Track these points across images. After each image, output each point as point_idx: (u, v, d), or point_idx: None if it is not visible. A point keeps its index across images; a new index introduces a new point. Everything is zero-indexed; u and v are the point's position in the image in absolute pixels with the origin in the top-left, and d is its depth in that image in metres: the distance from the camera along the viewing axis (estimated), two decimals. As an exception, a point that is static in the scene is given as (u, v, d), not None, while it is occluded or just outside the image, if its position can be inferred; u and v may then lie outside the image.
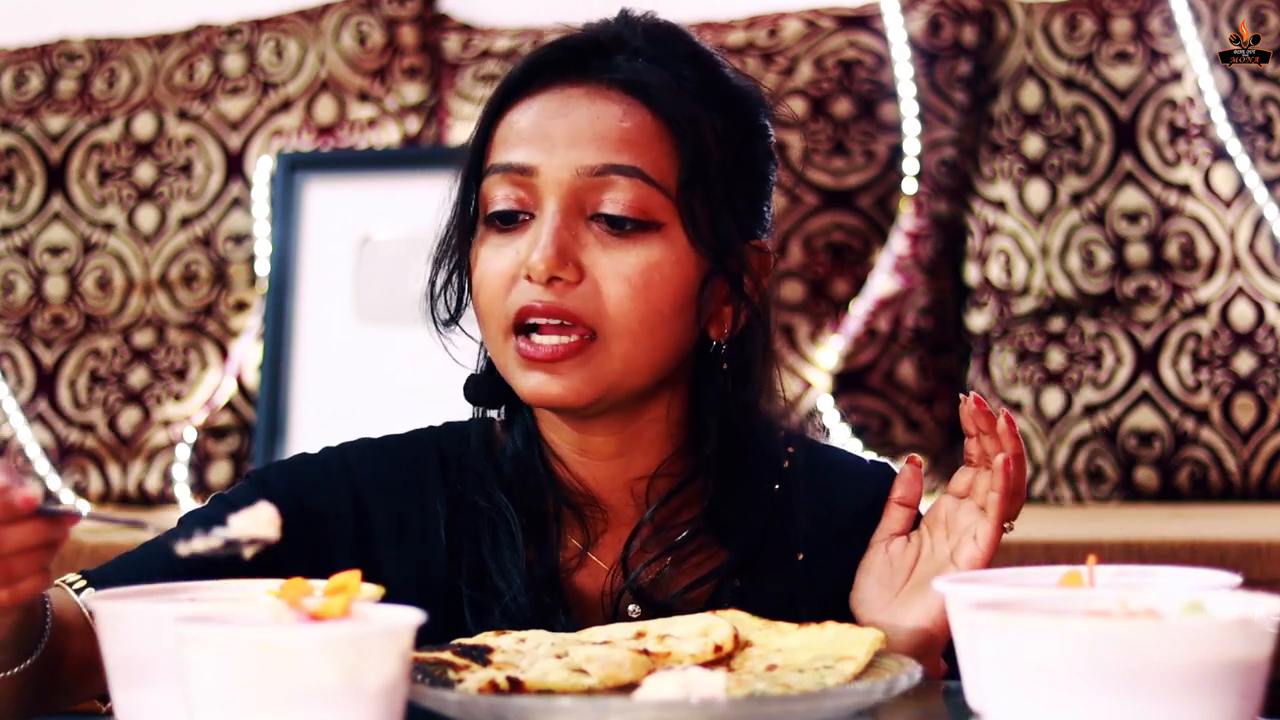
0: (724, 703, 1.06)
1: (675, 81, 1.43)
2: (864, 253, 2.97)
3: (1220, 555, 2.21)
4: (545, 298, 1.38)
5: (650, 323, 1.40)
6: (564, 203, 1.40)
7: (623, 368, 1.40)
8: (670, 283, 1.40)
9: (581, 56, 1.45)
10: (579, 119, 1.41)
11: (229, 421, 3.06)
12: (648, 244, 1.40)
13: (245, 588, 1.22)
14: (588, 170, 1.40)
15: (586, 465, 1.47)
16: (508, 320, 1.40)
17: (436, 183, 1.54)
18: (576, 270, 1.39)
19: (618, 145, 1.40)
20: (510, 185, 1.42)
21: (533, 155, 1.41)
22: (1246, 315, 2.86)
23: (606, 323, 1.39)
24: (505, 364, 1.43)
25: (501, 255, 1.42)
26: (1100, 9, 2.99)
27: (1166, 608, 1.00)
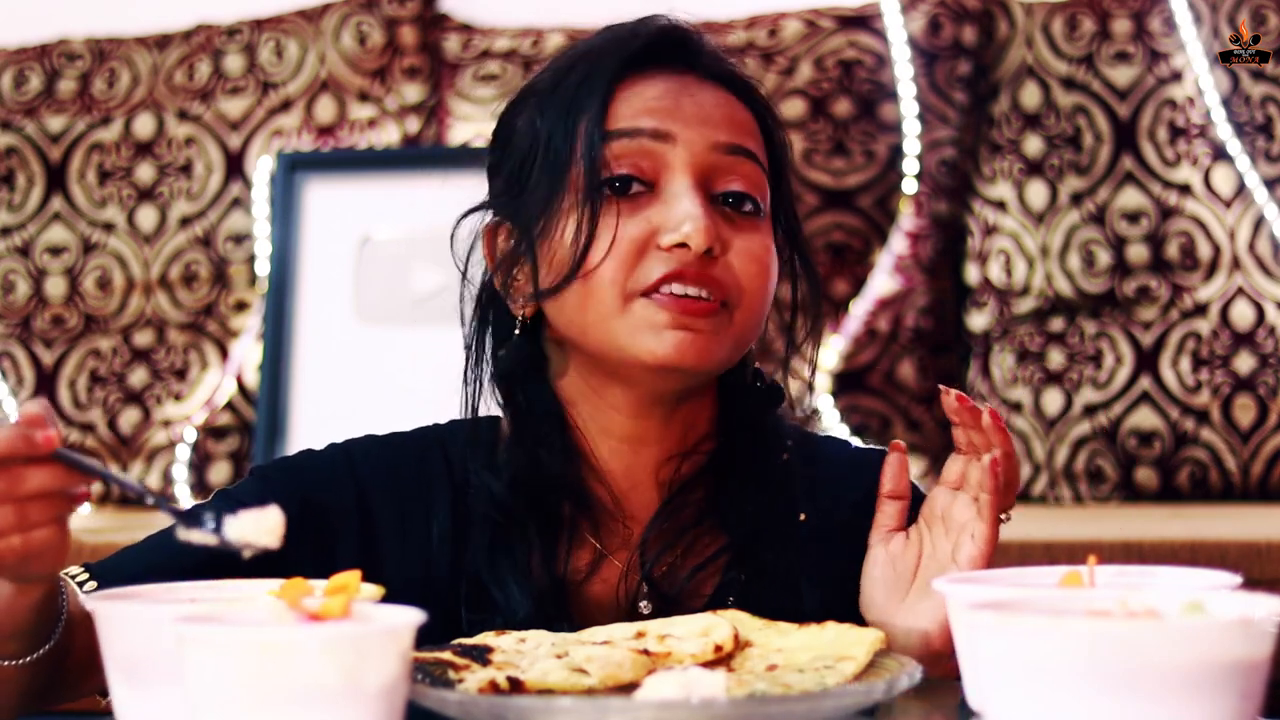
0: (724, 703, 1.06)
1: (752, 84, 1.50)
2: (864, 253, 2.97)
3: (1220, 555, 2.21)
4: (695, 266, 1.40)
5: (766, 301, 1.44)
6: (696, 177, 1.42)
7: (740, 338, 1.44)
8: (775, 265, 1.46)
9: (678, 48, 1.48)
10: (705, 100, 1.45)
11: (229, 421, 3.06)
12: (761, 228, 1.45)
13: (245, 588, 1.22)
14: (722, 146, 1.43)
15: (624, 454, 1.47)
16: (636, 288, 1.40)
17: (437, 183, 1.54)
18: (722, 245, 1.41)
19: (743, 130, 1.46)
20: (636, 154, 1.42)
21: (668, 124, 1.43)
22: (1246, 315, 2.86)
23: (739, 297, 1.42)
24: (622, 329, 1.40)
25: (631, 223, 1.41)
26: (1100, 9, 2.99)
27: (1167, 608, 1.00)
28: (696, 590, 1.46)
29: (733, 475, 1.49)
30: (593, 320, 1.42)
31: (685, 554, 1.47)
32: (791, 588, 1.45)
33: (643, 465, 1.48)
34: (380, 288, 2.99)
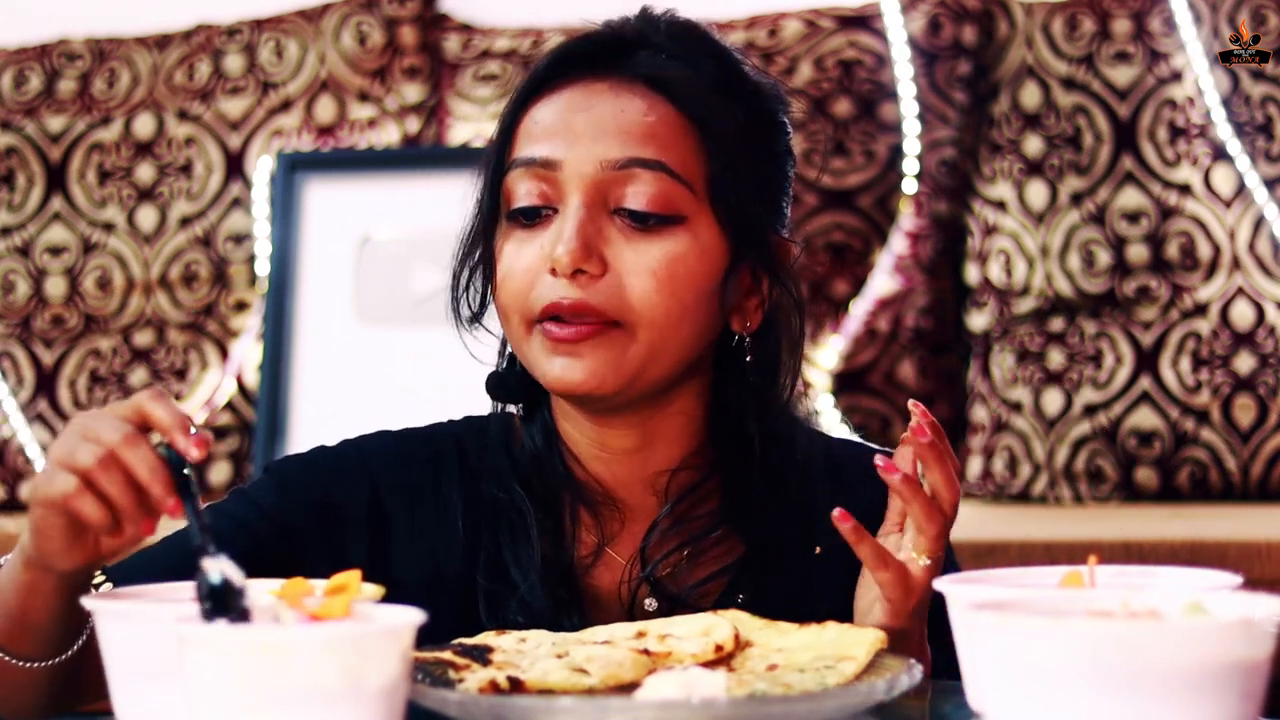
0: (725, 703, 1.06)
1: (697, 76, 1.44)
2: (864, 253, 2.97)
3: (1220, 555, 2.21)
4: (571, 293, 1.38)
5: (674, 315, 1.40)
6: (587, 196, 1.40)
7: (646, 357, 1.40)
8: (694, 275, 1.41)
9: (604, 52, 1.46)
10: (602, 113, 1.42)
11: (229, 421, 3.06)
12: (671, 237, 1.41)
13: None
14: (611, 164, 1.40)
15: (604, 461, 1.48)
16: (532, 314, 1.41)
17: (436, 183, 1.55)
18: (600, 263, 1.39)
19: (641, 138, 1.41)
20: (533, 180, 1.42)
21: (556, 149, 1.42)
22: (1246, 315, 2.86)
23: (631, 315, 1.39)
24: (529, 355, 1.43)
25: (525, 250, 1.42)
26: (1100, 9, 2.99)
27: (1167, 608, 1.00)
28: (704, 591, 1.46)
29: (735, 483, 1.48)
30: (513, 344, 1.46)
31: (693, 559, 1.47)
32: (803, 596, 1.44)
33: (631, 472, 1.48)
34: (380, 288, 2.99)
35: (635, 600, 1.45)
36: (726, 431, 1.48)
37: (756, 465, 1.48)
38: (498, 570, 1.45)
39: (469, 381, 1.58)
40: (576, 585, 1.45)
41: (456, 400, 1.58)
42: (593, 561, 1.47)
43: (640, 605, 1.45)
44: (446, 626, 1.23)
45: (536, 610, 1.42)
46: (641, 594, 1.45)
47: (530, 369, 1.44)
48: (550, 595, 1.42)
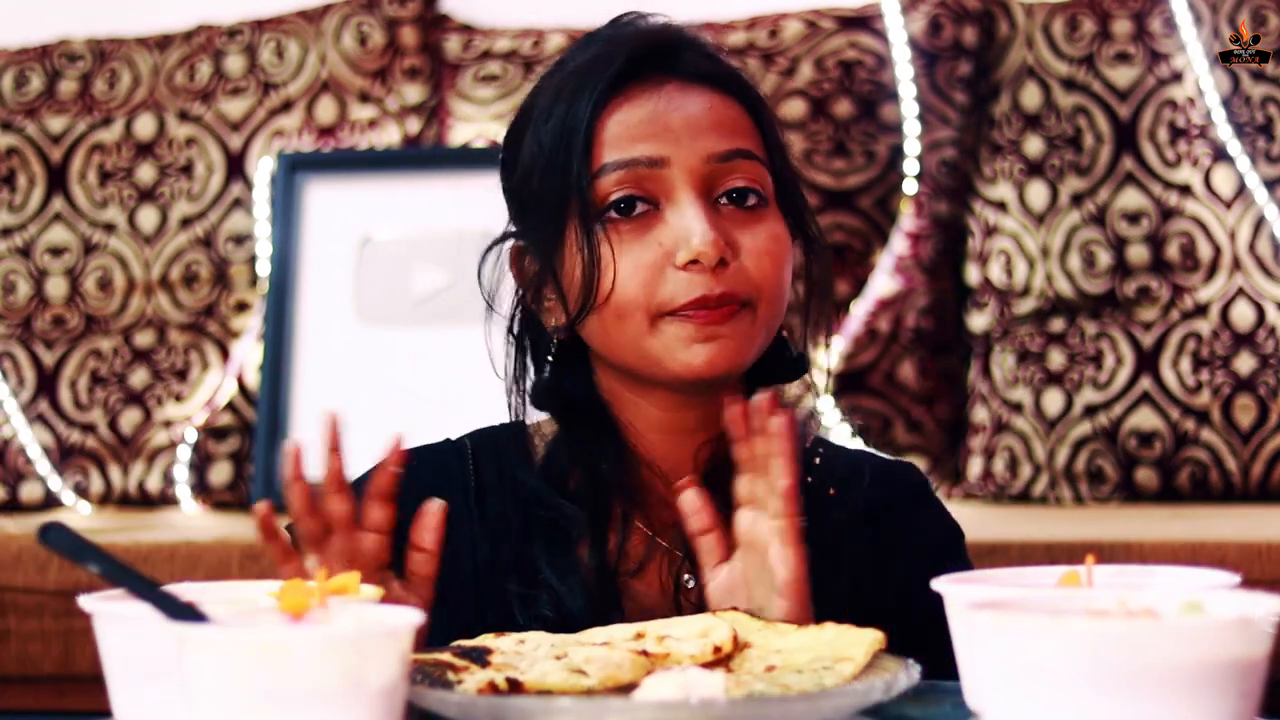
0: (723, 703, 1.06)
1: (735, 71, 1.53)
2: (864, 253, 2.97)
3: (1220, 555, 2.21)
4: (717, 287, 1.43)
5: (783, 290, 1.49)
6: (698, 189, 1.46)
7: (766, 331, 1.48)
8: (787, 251, 1.49)
9: (658, 56, 1.50)
10: (692, 110, 1.47)
11: (230, 422, 3.06)
12: (768, 219, 1.48)
13: (245, 588, 1.22)
14: (716, 156, 1.46)
15: (664, 443, 1.51)
16: (663, 309, 1.44)
17: (437, 183, 1.56)
18: (734, 252, 1.45)
19: (733, 131, 1.48)
20: (633, 182, 1.46)
21: (659, 148, 1.46)
22: (1247, 316, 2.86)
23: (756, 294, 1.46)
24: (653, 348, 1.45)
25: (642, 247, 1.45)
26: (1100, 9, 2.99)
27: (1165, 608, 1.00)
28: None
29: None
30: (624, 342, 1.47)
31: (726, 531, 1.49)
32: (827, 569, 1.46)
33: (683, 452, 1.51)
34: (381, 288, 2.99)
35: (678, 581, 1.48)
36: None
37: None
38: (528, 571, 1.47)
39: (469, 381, 1.58)
40: (616, 588, 1.47)
41: (456, 400, 1.59)
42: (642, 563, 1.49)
43: (682, 584, 1.48)
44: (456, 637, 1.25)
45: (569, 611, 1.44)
46: (683, 572, 1.48)
47: (655, 361, 1.46)
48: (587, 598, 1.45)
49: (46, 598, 2.44)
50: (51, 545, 1.08)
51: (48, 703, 2.47)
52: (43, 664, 2.45)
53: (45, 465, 3.10)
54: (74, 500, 3.08)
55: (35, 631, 2.45)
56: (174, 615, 1.05)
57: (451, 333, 2.86)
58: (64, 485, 3.09)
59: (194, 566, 2.41)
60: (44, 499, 3.10)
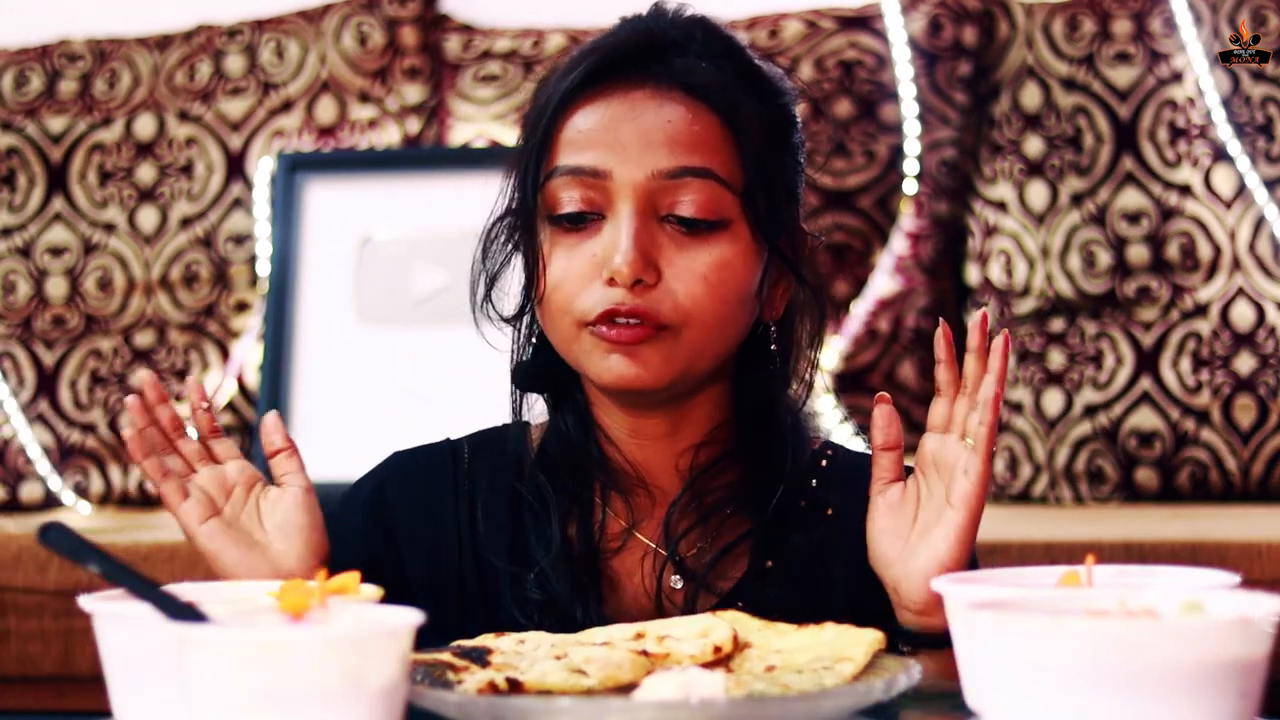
0: (723, 703, 1.06)
1: (726, 78, 1.48)
2: (865, 253, 2.97)
3: (1220, 555, 2.21)
4: (628, 300, 1.42)
5: (721, 316, 1.44)
6: (638, 205, 1.43)
7: (692, 355, 1.44)
8: (739, 277, 1.45)
9: (641, 58, 1.47)
10: (649, 122, 1.44)
11: (230, 422, 3.06)
12: (718, 242, 1.44)
13: (245, 589, 1.23)
14: (662, 173, 1.43)
15: (639, 446, 1.52)
16: (585, 318, 1.44)
17: (437, 183, 1.56)
18: (655, 272, 1.43)
19: (689, 147, 1.44)
20: (580, 187, 1.44)
21: (604, 159, 1.44)
22: (1247, 316, 2.86)
23: (680, 318, 1.43)
24: (578, 354, 1.46)
25: (576, 255, 1.45)
26: (1100, 9, 2.99)
27: (1165, 608, 1.00)
28: (724, 572, 1.49)
29: (754, 459, 1.51)
30: (558, 342, 1.48)
31: (714, 537, 1.50)
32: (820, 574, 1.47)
33: (659, 455, 1.52)
34: (381, 288, 2.99)
35: (660, 581, 1.48)
36: (748, 411, 1.52)
37: (774, 443, 1.52)
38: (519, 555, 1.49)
39: (469, 381, 1.59)
40: (597, 568, 1.49)
41: (456, 400, 1.59)
42: (620, 545, 1.50)
43: (666, 585, 1.48)
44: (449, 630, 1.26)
45: (554, 591, 1.46)
46: (667, 574, 1.48)
47: (579, 366, 1.47)
48: (569, 577, 1.46)
49: (46, 598, 2.44)
50: (51, 545, 1.08)
51: (48, 703, 2.47)
52: (43, 664, 2.45)
53: (45, 465, 3.10)
54: (74, 500, 3.08)
55: (35, 631, 2.45)
56: (174, 615, 1.05)
57: (451, 333, 2.86)
58: (64, 485, 3.09)
59: (194, 566, 2.41)
60: (44, 499, 3.10)
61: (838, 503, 1.50)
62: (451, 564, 1.51)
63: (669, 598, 1.48)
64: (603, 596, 1.47)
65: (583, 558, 1.48)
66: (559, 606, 1.45)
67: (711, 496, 1.50)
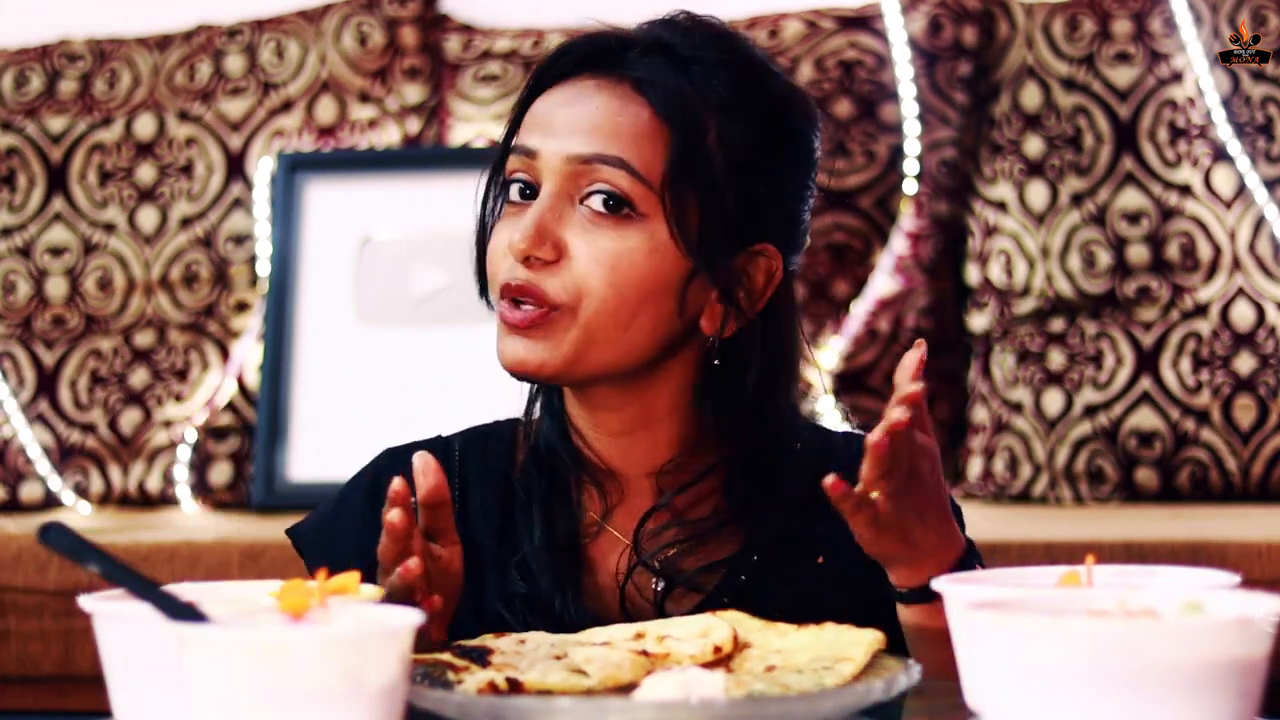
0: (723, 703, 1.06)
1: (686, 83, 1.48)
2: (864, 253, 2.97)
3: (1220, 555, 2.21)
4: (519, 275, 1.46)
5: (613, 305, 1.45)
6: (556, 186, 1.47)
7: (584, 341, 1.45)
8: (641, 271, 1.46)
9: (601, 52, 1.53)
10: (580, 109, 1.49)
11: (230, 422, 3.06)
12: (625, 231, 1.46)
13: (245, 589, 1.23)
14: (577, 158, 1.47)
15: (602, 441, 1.53)
16: (495, 292, 1.49)
17: (437, 183, 1.58)
18: (554, 250, 1.46)
19: (608, 136, 1.47)
20: (521, 166, 1.50)
21: (536, 140, 1.50)
22: (1247, 316, 2.86)
23: (573, 300, 1.45)
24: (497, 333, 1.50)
25: (504, 230, 1.49)
26: (1100, 9, 2.99)
27: (1165, 608, 1.00)
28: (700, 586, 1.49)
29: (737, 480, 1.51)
30: None
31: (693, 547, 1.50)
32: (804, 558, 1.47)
33: (627, 454, 1.53)
34: (381, 288, 2.99)
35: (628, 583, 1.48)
36: (721, 429, 1.52)
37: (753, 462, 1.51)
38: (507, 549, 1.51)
39: (469, 381, 1.59)
40: (578, 559, 1.51)
41: (456, 400, 1.59)
42: (595, 532, 1.52)
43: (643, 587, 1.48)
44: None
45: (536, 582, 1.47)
46: (643, 576, 1.49)
47: None
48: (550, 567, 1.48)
49: (46, 598, 2.44)
50: (51, 545, 1.08)
51: (48, 703, 2.47)
52: (43, 664, 2.45)
53: (45, 465, 3.10)
54: (74, 500, 3.08)
55: (35, 631, 2.45)
56: (174, 615, 1.05)
57: (451, 333, 2.86)
58: (64, 485, 3.09)
59: (194, 566, 2.41)
60: (44, 499, 3.10)
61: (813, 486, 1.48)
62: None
63: (640, 592, 1.49)
64: (582, 587, 1.49)
65: (562, 549, 1.50)
66: (541, 599, 1.46)
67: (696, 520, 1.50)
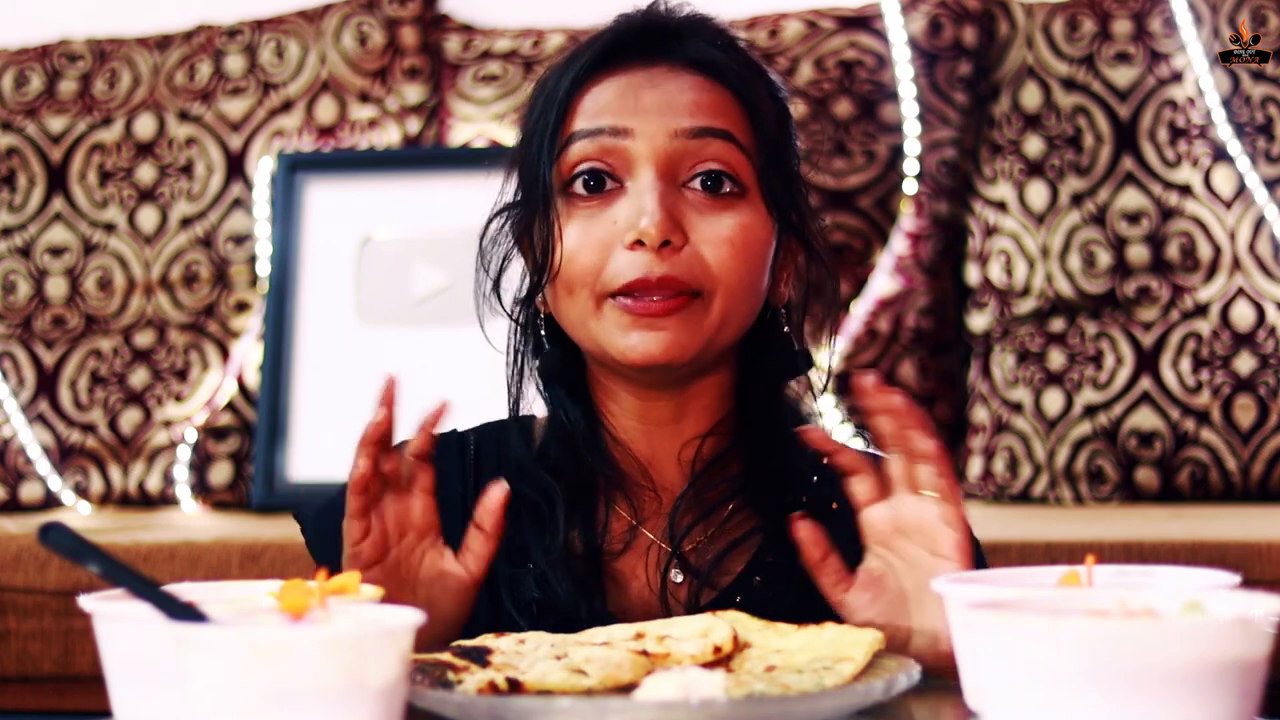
0: (724, 703, 1.06)
1: (735, 63, 1.49)
2: (865, 253, 2.98)
3: (1220, 555, 2.21)
4: (657, 269, 1.41)
5: (746, 282, 1.44)
6: (660, 168, 1.43)
7: (719, 324, 1.44)
8: (760, 243, 1.45)
9: (652, 39, 1.49)
10: (668, 89, 1.45)
11: (230, 422, 3.06)
12: (739, 208, 1.45)
13: (246, 589, 1.22)
14: (685, 132, 1.44)
15: (645, 434, 1.50)
16: (607, 289, 1.43)
17: (437, 183, 1.56)
18: (683, 234, 1.42)
19: (709, 110, 1.45)
20: (600, 150, 1.44)
21: (624, 119, 1.44)
22: (1247, 316, 2.86)
23: (710, 283, 1.43)
24: (597, 330, 1.44)
25: (595, 223, 1.44)
26: (1100, 9, 2.99)
27: (1165, 608, 1.00)
28: (726, 567, 1.48)
29: (758, 453, 1.50)
30: (575, 320, 1.46)
31: (716, 532, 1.49)
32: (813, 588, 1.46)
33: (665, 445, 1.51)
34: (381, 288, 2.99)
35: (665, 577, 1.46)
36: (752, 402, 1.51)
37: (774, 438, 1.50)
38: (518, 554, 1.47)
39: (469, 382, 1.59)
40: (600, 569, 1.47)
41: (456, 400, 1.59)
42: (624, 546, 1.49)
43: (670, 581, 1.47)
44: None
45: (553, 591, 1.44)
46: (671, 569, 1.47)
47: (599, 344, 1.45)
48: (570, 577, 1.45)
49: (46, 598, 2.44)
50: (51, 545, 1.08)
51: (48, 703, 2.47)
52: (43, 664, 2.45)
53: (45, 465, 3.10)
54: (74, 500, 3.08)
55: (35, 631, 2.45)
56: (174, 615, 1.05)
57: (451, 333, 2.86)
58: (64, 485, 3.09)
59: (194, 566, 2.41)
60: (44, 499, 3.10)
61: (841, 497, 1.48)
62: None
63: (673, 594, 1.47)
64: (607, 594, 1.46)
65: (585, 557, 1.47)
66: (558, 606, 1.44)
67: (715, 491, 1.49)
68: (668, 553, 1.48)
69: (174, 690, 1.02)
